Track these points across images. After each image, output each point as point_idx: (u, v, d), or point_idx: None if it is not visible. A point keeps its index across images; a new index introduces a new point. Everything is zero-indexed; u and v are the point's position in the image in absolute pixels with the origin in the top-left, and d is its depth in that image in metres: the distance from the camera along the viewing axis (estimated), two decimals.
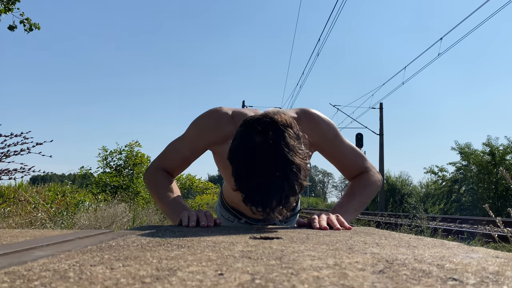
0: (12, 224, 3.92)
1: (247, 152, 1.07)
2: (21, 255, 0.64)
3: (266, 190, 1.05)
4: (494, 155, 17.95)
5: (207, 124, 1.47)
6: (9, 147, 3.05)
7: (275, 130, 1.08)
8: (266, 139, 1.06)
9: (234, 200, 1.75)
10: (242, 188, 1.09)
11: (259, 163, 1.05)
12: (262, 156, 1.05)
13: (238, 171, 1.09)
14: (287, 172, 1.04)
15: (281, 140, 1.06)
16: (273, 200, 1.05)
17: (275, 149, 1.05)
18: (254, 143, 1.07)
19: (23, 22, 5.58)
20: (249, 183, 1.07)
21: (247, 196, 1.08)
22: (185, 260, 0.57)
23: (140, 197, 9.26)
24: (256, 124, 1.10)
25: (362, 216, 12.13)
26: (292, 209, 1.64)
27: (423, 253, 0.67)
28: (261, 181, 1.05)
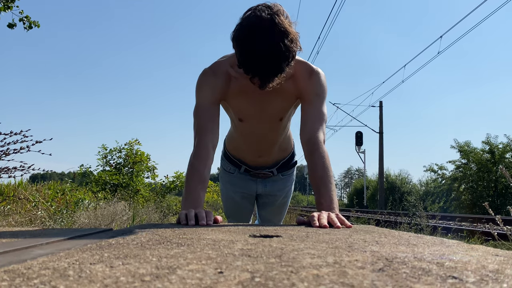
0: (11, 222, 3.92)
1: (245, 26, 1.30)
2: (20, 254, 0.64)
3: (262, 54, 1.27)
4: (493, 153, 17.94)
5: (206, 79, 1.59)
6: (8, 145, 3.05)
7: (271, 10, 1.31)
8: (262, 15, 1.29)
9: (236, 147, 1.95)
10: (244, 60, 1.32)
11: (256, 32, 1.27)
12: (258, 26, 1.27)
13: (238, 42, 1.32)
14: (280, 36, 1.27)
15: (275, 16, 1.29)
16: (269, 65, 1.29)
17: (269, 20, 1.28)
18: (251, 18, 1.30)
19: (23, 20, 5.58)
20: (248, 50, 1.29)
21: (247, 66, 1.32)
22: (184, 259, 0.57)
23: (140, 195, 9.25)
24: (254, 7, 1.34)
25: (362, 214, 12.13)
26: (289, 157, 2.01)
27: (423, 251, 0.67)
28: (257, 47, 1.27)
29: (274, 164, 1.98)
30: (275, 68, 1.31)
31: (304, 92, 1.60)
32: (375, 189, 30.18)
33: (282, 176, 2.04)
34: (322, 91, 1.60)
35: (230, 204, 2.14)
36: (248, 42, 1.29)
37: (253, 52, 1.29)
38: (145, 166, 9.73)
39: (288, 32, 1.29)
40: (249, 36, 1.29)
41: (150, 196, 9.67)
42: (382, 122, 20.92)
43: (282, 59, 1.30)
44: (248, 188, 2.04)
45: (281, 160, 1.98)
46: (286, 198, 2.13)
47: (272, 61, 1.29)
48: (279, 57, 1.29)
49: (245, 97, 1.60)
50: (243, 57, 1.32)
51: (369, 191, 30.89)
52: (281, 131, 1.79)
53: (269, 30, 1.27)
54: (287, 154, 2.00)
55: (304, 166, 64.38)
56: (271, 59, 1.29)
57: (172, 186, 10.39)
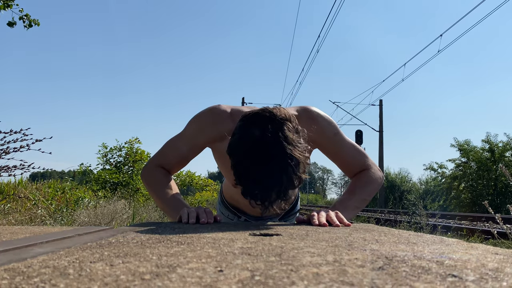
0: (11, 220, 3.92)
1: (246, 145, 1.08)
2: (20, 252, 0.64)
3: (265, 183, 1.06)
4: (493, 152, 17.94)
5: (206, 122, 1.47)
6: (8, 144, 3.05)
7: (274, 124, 1.09)
8: (265, 132, 1.07)
9: (234, 197, 1.76)
10: (241, 181, 1.10)
11: (258, 156, 1.06)
12: (261, 149, 1.06)
13: (237, 165, 1.10)
14: (286, 165, 1.05)
15: (280, 133, 1.07)
16: (272, 193, 1.07)
17: (274, 142, 1.06)
18: (253, 136, 1.08)
19: (23, 18, 5.57)
20: (248, 176, 1.08)
21: (246, 190, 1.10)
22: (184, 257, 0.57)
23: (140, 194, 9.26)
24: (255, 117, 1.11)
25: (362, 213, 12.14)
26: (291, 204, 1.73)
27: (423, 250, 0.67)
28: (260, 174, 1.06)
29: (277, 215, 1.82)
30: (280, 199, 1.10)
31: (319, 142, 1.46)
32: None
33: (285, 221, 1.88)
34: (334, 125, 1.50)
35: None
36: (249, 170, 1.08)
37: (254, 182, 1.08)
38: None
39: (298, 158, 1.07)
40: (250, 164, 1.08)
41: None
42: (382, 120, 20.92)
43: (289, 189, 1.10)
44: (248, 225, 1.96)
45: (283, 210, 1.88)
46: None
47: (277, 193, 1.08)
48: (286, 190, 1.09)
49: None
50: (243, 185, 1.11)
51: None
52: None
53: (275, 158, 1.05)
54: (291, 203, 1.82)
55: None
56: (277, 190, 1.07)
57: None
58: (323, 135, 1.46)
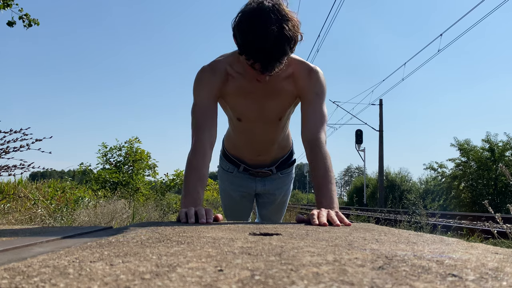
0: (11, 220, 3.92)
1: (247, 13, 1.30)
2: (20, 252, 0.64)
3: (264, 38, 1.27)
4: (493, 152, 17.95)
5: (204, 77, 1.58)
6: (8, 143, 3.05)
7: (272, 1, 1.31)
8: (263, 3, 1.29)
9: (235, 145, 1.94)
10: (244, 44, 1.31)
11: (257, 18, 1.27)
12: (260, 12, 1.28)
13: (239, 30, 1.31)
14: (281, 22, 1.27)
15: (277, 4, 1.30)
16: (272, 50, 1.28)
17: (271, 7, 1.28)
18: (252, 6, 1.30)
19: (22, 18, 5.56)
20: (251, 39, 1.29)
21: (249, 53, 1.31)
22: (184, 257, 0.57)
23: (140, 193, 9.26)
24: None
25: (362, 213, 12.14)
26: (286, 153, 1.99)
27: (423, 249, 0.67)
28: (259, 33, 1.27)
29: (273, 162, 1.97)
30: (277, 53, 1.30)
31: (303, 91, 1.60)
32: (375, 187, 30.20)
33: (281, 175, 2.03)
34: (321, 90, 1.60)
35: (229, 202, 2.14)
36: (249, 28, 1.29)
37: (254, 37, 1.28)
38: (145, 164, 9.73)
39: (290, 18, 1.30)
40: (250, 22, 1.29)
41: (150, 194, 9.67)
42: (382, 120, 20.91)
43: (284, 44, 1.29)
44: (247, 187, 2.04)
45: (280, 158, 1.98)
46: (285, 197, 2.13)
47: (274, 46, 1.28)
48: (281, 42, 1.28)
49: (244, 96, 1.59)
50: (244, 44, 1.32)
51: (369, 189, 30.90)
52: (280, 130, 1.79)
53: (271, 16, 1.27)
54: (286, 152, 1.99)
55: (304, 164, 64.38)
56: (273, 44, 1.28)
57: (172, 184, 10.40)
58: (308, 88, 1.58)
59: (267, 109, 1.65)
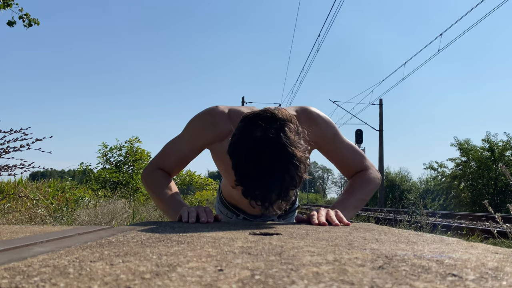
0: (12, 220, 3.92)
1: (247, 146, 1.08)
2: (21, 251, 0.64)
3: (265, 183, 1.06)
4: (493, 151, 17.95)
5: (204, 123, 1.47)
6: (8, 143, 3.05)
7: (275, 124, 1.09)
8: (266, 133, 1.07)
9: (233, 196, 1.76)
10: (241, 181, 1.10)
11: (259, 156, 1.06)
12: (262, 149, 1.06)
13: (238, 165, 1.10)
14: (287, 165, 1.05)
15: (281, 134, 1.07)
16: (273, 194, 1.06)
17: (276, 142, 1.06)
18: (254, 137, 1.07)
19: (22, 17, 5.56)
20: (248, 177, 1.08)
21: (246, 190, 1.09)
22: (185, 256, 0.57)
23: (140, 193, 9.26)
24: (256, 118, 1.11)
25: (362, 212, 12.14)
26: (291, 203, 1.69)
27: (423, 249, 0.67)
28: (261, 174, 1.06)
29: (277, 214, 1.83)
30: (281, 199, 1.10)
31: (318, 142, 1.47)
32: None
33: (283, 220, 1.87)
34: (333, 126, 1.51)
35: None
36: (250, 170, 1.08)
37: (255, 181, 1.07)
38: (145, 163, 9.73)
39: (297, 158, 1.07)
40: (251, 164, 1.07)
41: None
42: (382, 120, 20.91)
43: (290, 191, 1.10)
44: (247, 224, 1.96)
45: None
46: None
47: (278, 194, 1.07)
48: (287, 191, 1.08)
49: None
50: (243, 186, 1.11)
51: None
52: None
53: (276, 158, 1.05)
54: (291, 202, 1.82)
55: None
56: (278, 195, 1.07)
57: None
58: (323, 136, 1.47)
59: None
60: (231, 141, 1.14)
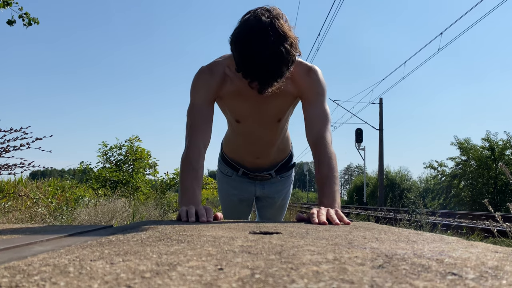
0: (12, 219, 3.92)
1: (245, 31, 1.28)
2: (21, 250, 0.64)
3: (262, 62, 1.25)
4: (493, 150, 17.95)
5: (201, 78, 1.58)
6: (8, 142, 3.04)
7: (270, 14, 1.29)
8: (262, 18, 1.27)
9: (234, 149, 1.93)
10: (241, 63, 1.30)
11: (255, 39, 1.25)
12: (258, 32, 1.25)
13: (237, 49, 1.30)
14: (280, 44, 1.25)
15: (274, 20, 1.27)
16: (269, 71, 1.27)
17: (269, 25, 1.25)
18: (251, 23, 1.27)
19: (22, 16, 5.56)
20: (247, 57, 1.27)
21: (246, 71, 1.30)
22: (185, 255, 0.57)
23: (140, 192, 9.26)
24: (253, 11, 1.32)
25: (362, 211, 12.14)
26: (287, 160, 2.00)
27: (423, 248, 0.67)
28: (257, 54, 1.25)
29: (273, 166, 1.96)
30: (275, 72, 1.29)
31: (304, 92, 1.59)
32: (375, 186, 30.20)
33: (281, 178, 2.02)
34: (322, 89, 1.59)
35: (228, 206, 2.12)
36: (247, 46, 1.27)
37: (252, 56, 1.26)
38: (146, 162, 9.73)
39: (288, 36, 1.27)
40: (248, 40, 1.26)
41: (150, 193, 9.67)
42: (382, 119, 20.90)
43: (282, 64, 1.28)
44: (246, 191, 2.02)
45: (279, 161, 1.96)
46: (285, 200, 2.11)
47: (272, 65, 1.27)
48: (279, 62, 1.27)
49: (242, 98, 1.58)
50: (242, 62, 1.30)
51: (369, 188, 30.91)
52: (279, 132, 1.77)
53: (269, 34, 1.24)
54: (286, 155, 1.98)
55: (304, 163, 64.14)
56: (271, 63, 1.27)
57: (172, 183, 10.40)
58: (309, 88, 1.58)
59: (266, 111, 1.64)
60: (232, 32, 1.32)
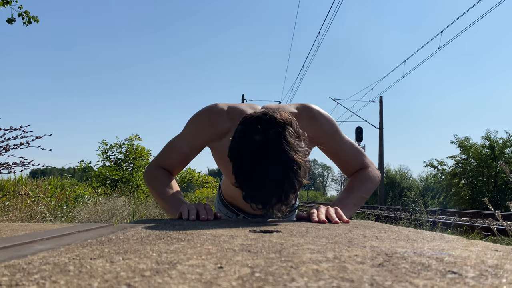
0: (12, 217, 3.92)
1: (247, 150, 1.08)
2: (21, 249, 0.64)
3: (266, 188, 1.06)
4: (493, 149, 17.95)
5: (203, 122, 1.47)
6: (8, 140, 3.05)
7: (275, 128, 1.08)
8: (266, 137, 1.06)
9: (233, 196, 1.76)
10: (242, 185, 1.10)
11: (259, 161, 1.06)
12: (262, 154, 1.06)
13: (238, 169, 1.10)
14: (287, 170, 1.05)
15: (281, 138, 1.06)
16: (273, 198, 1.06)
17: (275, 147, 1.05)
18: (254, 141, 1.07)
19: (22, 15, 5.55)
20: (249, 181, 1.08)
21: (247, 194, 1.10)
22: (184, 254, 0.57)
23: (140, 190, 9.26)
24: (256, 122, 1.10)
25: (362, 210, 12.16)
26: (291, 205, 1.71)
27: (422, 247, 0.67)
28: (261, 179, 1.06)
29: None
30: (281, 203, 1.09)
31: (319, 141, 1.46)
32: None
33: (283, 219, 1.90)
34: (334, 124, 1.50)
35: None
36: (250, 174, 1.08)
37: (256, 187, 1.08)
38: (146, 161, 9.73)
39: (299, 163, 1.07)
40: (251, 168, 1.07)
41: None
42: (382, 117, 20.91)
43: (291, 194, 1.10)
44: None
45: None
46: None
47: (278, 198, 1.07)
48: (288, 195, 1.08)
49: None
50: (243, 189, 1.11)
51: None
52: None
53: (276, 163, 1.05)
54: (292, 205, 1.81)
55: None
56: (278, 195, 1.07)
57: None
58: (323, 134, 1.47)
59: None
60: (231, 145, 1.13)
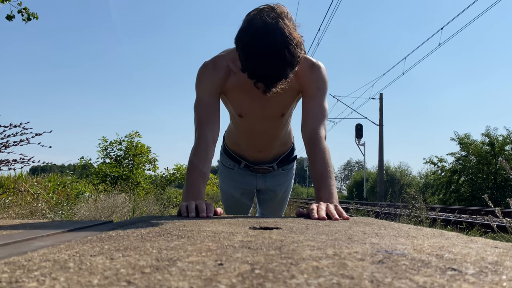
0: (12, 214, 3.92)
1: (250, 31, 1.27)
2: (21, 246, 0.64)
3: (267, 63, 1.26)
4: (493, 146, 17.94)
5: (206, 72, 1.59)
6: (8, 137, 3.04)
7: (275, 13, 1.29)
8: (266, 19, 1.26)
9: (236, 141, 1.93)
10: (247, 64, 1.30)
11: (260, 40, 1.24)
12: (263, 33, 1.24)
13: (243, 49, 1.29)
14: (285, 45, 1.24)
15: (279, 20, 1.26)
16: (274, 71, 1.28)
17: (274, 26, 1.25)
18: (256, 24, 1.27)
19: (21, 11, 5.54)
20: (252, 58, 1.27)
21: (251, 72, 1.30)
22: (185, 251, 0.57)
23: (140, 187, 9.27)
24: (258, 10, 1.32)
25: (362, 207, 12.16)
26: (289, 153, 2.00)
27: (422, 243, 0.67)
28: (262, 55, 1.25)
29: (274, 159, 1.97)
30: (280, 74, 1.30)
31: (305, 87, 1.60)
32: (374, 181, 30.26)
33: (282, 171, 2.03)
34: (323, 84, 1.60)
35: (229, 199, 2.13)
36: (252, 48, 1.27)
37: (258, 58, 1.27)
38: (146, 158, 9.74)
39: (293, 37, 1.27)
40: (253, 44, 1.26)
41: (150, 189, 9.69)
42: (382, 114, 20.89)
43: (287, 66, 1.28)
44: (247, 184, 2.03)
45: (281, 154, 1.97)
46: (286, 193, 2.12)
47: (277, 69, 1.28)
48: (284, 64, 1.27)
49: (245, 93, 1.58)
50: (247, 64, 1.31)
51: (368, 183, 30.96)
52: (282, 126, 1.78)
53: (274, 37, 1.24)
54: (287, 148, 1.99)
55: (304, 159, 64.22)
56: (276, 67, 1.27)
57: (172, 178, 10.42)
58: (310, 83, 1.59)
59: (269, 106, 1.64)
60: (238, 31, 1.32)
